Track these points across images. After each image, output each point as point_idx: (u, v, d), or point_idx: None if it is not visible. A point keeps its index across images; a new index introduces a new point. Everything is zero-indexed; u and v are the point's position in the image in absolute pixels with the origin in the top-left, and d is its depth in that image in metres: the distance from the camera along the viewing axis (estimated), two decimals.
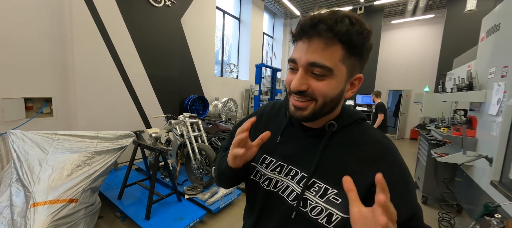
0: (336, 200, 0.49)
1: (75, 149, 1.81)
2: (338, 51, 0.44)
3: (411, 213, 0.47)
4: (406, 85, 7.47)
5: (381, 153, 0.50)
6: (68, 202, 1.48)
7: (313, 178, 0.52)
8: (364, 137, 0.53)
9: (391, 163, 0.49)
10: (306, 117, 0.50)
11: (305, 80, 0.47)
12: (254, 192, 0.61)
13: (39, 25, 2.64)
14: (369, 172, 0.47)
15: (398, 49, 7.57)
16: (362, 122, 0.56)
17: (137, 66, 3.62)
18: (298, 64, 0.47)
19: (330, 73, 0.45)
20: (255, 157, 0.60)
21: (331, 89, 0.47)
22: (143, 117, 3.80)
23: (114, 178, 2.86)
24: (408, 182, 0.49)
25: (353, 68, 0.48)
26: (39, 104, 2.82)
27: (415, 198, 0.49)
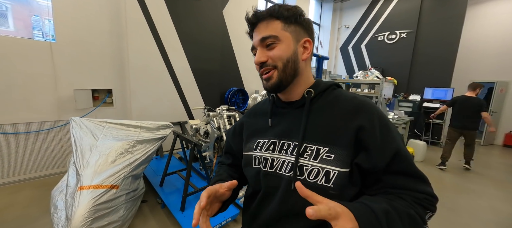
0: (329, 157, 0.52)
1: (120, 137, 1.92)
2: (277, 24, 0.57)
3: (395, 150, 0.50)
4: (500, 75, 5.67)
5: (360, 105, 0.55)
6: (110, 188, 1.55)
7: (304, 143, 0.56)
8: (341, 97, 0.59)
9: (370, 111, 0.54)
10: (276, 83, 0.58)
11: (263, 53, 0.58)
12: (257, 178, 0.63)
13: (101, 25, 2.97)
14: (352, 121, 0.53)
15: (491, 28, 5.75)
16: (336, 87, 0.63)
17: (182, 60, 3.76)
18: (256, 46, 0.59)
19: (277, 39, 0.57)
20: (250, 146, 0.67)
21: (283, 52, 0.57)
22: (186, 108, 3.97)
23: (160, 164, 3.05)
24: (388, 125, 0.54)
25: (297, 33, 0.58)
26: (103, 95, 3.22)
27: (399, 140, 0.53)
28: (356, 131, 0.52)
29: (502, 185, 3.17)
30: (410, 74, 6.24)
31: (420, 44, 6.01)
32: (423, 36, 5.93)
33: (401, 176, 0.51)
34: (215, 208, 0.59)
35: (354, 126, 0.52)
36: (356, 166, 0.52)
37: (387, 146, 0.51)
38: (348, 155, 0.51)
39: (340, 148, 0.52)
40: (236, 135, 0.76)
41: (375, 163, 0.50)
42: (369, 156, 0.51)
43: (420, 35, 5.97)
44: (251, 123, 0.71)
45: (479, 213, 2.43)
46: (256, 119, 0.71)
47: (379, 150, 0.50)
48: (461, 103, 3.50)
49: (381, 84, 5.40)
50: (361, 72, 5.93)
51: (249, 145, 0.68)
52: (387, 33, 6.49)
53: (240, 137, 0.74)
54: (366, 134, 0.51)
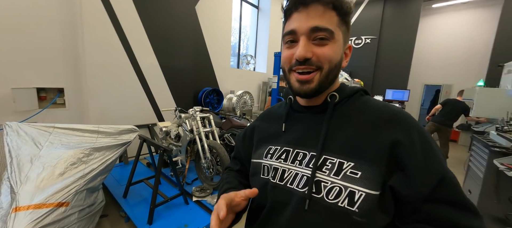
0: (354, 174, 0.42)
1: (72, 144, 1.65)
2: (334, 17, 0.45)
3: (440, 176, 0.40)
4: (446, 79, 6.52)
5: (395, 115, 0.45)
6: (57, 206, 1.30)
7: (324, 155, 0.46)
8: (371, 104, 0.49)
9: (408, 123, 0.44)
10: (314, 89, 0.47)
11: (309, 47, 0.45)
12: (264, 189, 0.54)
13: (49, 12, 2.54)
14: (385, 133, 0.43)
15: (439, 37, 6.58)
16: (364, 94, 0.54)
17: (149, 56, 3.46)
18: (299, 33, 0.46)
19: (332, 36, 0.45)
20: (260, 152, 0.59)
21: (335, 53, 0.46)
22: (155, 109, 3.67)
23: (124, 172, 2.75)
24: (430, 143, 0.43)
25: (345, 35, 0.49)
26: (52, 95, 2.77)
27: (442, 160, 0.42)
28: (390, 145, 0.42)
29: None
30: (374, 76, 6.80)
31: (382, 49, 6.59)
32: (385, 43, 6.52)
33: (447, 206, 0.40)
34: (229, 220, 0.50)
35: (388, 139, 0.42)
36: (390, 189, 0.42)
37: (431, 168, 0.40)
38: (380, 174, 0.41)
39: (370, 164, 0.42)
40: (246, 139, 0.68)
41: (416, 189, 0.40)
42: (408, 178, 0.41)
43: (382, 41, 6.55)
44: (263, 127, 0.63)
45: None
46: (269, 123, 0.62)
47: (422, 173, 0.40)
48: (453, 104, 3.86)
49: (350, 85, 5.78)
50: None
51: (259, 151, 0.60)
52: (354, 38, 6.95)
53: (250, 142, 0.66)
54: (403, 150, 0.41)
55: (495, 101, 3.08)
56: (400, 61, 6.30)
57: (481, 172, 2.34)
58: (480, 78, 5.10)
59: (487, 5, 5.85)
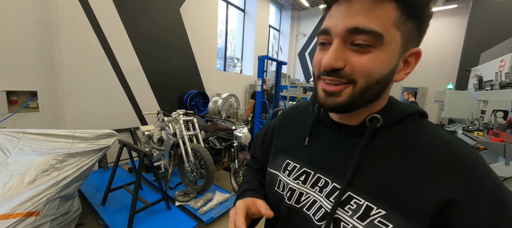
0: (384, 225, 0.33)
1: (45, 150, 1.57)
2: (390, 11, 0.32)
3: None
4: (422, 82, 6.94)
5: (457, 159, 0.33)
6: (25, 216, 1.24)
7: (349, 191, 0.38)
8: (426, 137, 0.36)
9: (474, 175, 0.31)
10: (341, 105, 0.37)
11: (341, 54, 0.34)
12: (277, 206, 0.49)
13: (21, 11, 2.41)
14: (438, 185, 0.32)
15: None
16: (420, 118, 0.40)
17: (131, 59, 3.37)
18: (332, 34, 0.35)
19: (379, 42, 0.32)
20: (277, 163, 0.52)
21: (378, 66, 0.34)
22: (138, 113, 3.57)
23: (103, 179, 2.64)
24: (504, 201, 0.31)
25: (409, 37, 0.35)
26: (24, 98, 2.62)
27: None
28: (441, 203, 0.31)
29: None
30: None
31: None
32: None
33: None
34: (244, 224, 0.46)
35: (440, 195, 0.31)
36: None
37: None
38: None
39: (407, 219, 0.32)
40: (265, 143, 0.61)
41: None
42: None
43: None
44: (285, 133, 0.55)
45: None
46: (291, 129, 0.54)
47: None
48: None
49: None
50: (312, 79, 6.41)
51: (276, 162, 0.53)
52: None
53: (269, 146, 0.59)
54: (460, 215, 0.31)
55: (462, 103, 3.34)
56: None
57: None
58: (451, 81, 5.50)
59: (456, 14, 6.34)
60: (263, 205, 0.45)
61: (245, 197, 0.50)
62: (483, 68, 3.84)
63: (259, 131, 0.66)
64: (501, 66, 3.15)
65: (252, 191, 0.54)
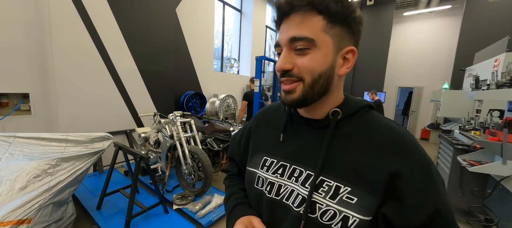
0: (350, 200, 0.42)
1: (37, 154, 1.52)
2: (318, 21, 0.42)
3: (435, 208, 0.41)
4: (417, 82, 7.02)
5: (400, 142, 0.43)
6: (16, 224, 1.19)
7: (321, 176, 0.46)
8: (376, 125, 0.46)
9: (412, 152, 0.42)
10: (297, 100, 0.45)
11: (289, 58, 0.44)
12: (258, 202, 0.55)
13: (11, 12, 2.34)
14: (387, 163, 0.42)
15: (410, 43, 7.09)
16: (370, 109, 0.51)
17: (127, 59, 3.31)
18: (281, 45, 0.45)
19: (312, 45, 0.42)
20: (255, 161, 0.57)
21: (317, 63, 0.43)
22: (134, 115, 3.51)
23: (98, 182, 2.58)
24: (432, 174, 0.42)
25: (340, 39, 0.44)
26: (15, 101, 2.54)
27: (441, 193, 0.42)
28: (390, 175, 0.41)
29: None
30: (352, 80, 7.12)
31: (359, 54, 6.82)
32: (361, 49, 6.78)
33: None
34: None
35: (389, 169, 0.41)
36: (382, 216, 0.43)
37: (427, 200, 0.41)
38: (376, 203, 0.42)
39: (366, 192, 0.42)
40: (241, 144, 0.66)
41: (409, 220, 0.41)
42: (402, 209, 0.41)
43: (359, 46, 6.90)
44: (260, 133, 0.61)
45: None
46: (267, 129, 0.60)
47: (417, 205, 0.41)
48: (379, 105, 4.68)
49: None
50: None
51: (254, 160, 0.58)
52: None
53: (245, 147, 0.64)
54: (403, 182, 0.41)
55: (458, 103, 3.37)
56: (376, 65, 6.69)
57: (447, 168, 2.54)
58: (446, 81, 5.57)
59: (450, 15, 6.43)
60: (259, 224, 0.50)
61: (237, 214, 0.55)
62: (477, 68, 3.89)
63: (235, 134, 0.71)
64: (495, 66, 3.20)
65: (241, 205, 0.58)
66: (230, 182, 0.69)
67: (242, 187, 0.65)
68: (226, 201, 0.64)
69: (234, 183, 0.68)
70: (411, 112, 6.90)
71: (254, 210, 0.57)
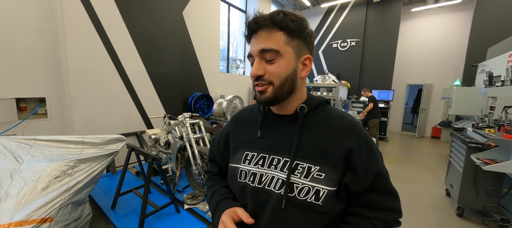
0: (320, 176, 0.53)
1: (56, 156, 1.58)
2: (280, 36, 0.52)
3: (376, 171, 0.55)
4: (427, 79, 6.86)
5: (349, 126, 0.56)
6: (40, 223, 1.25)
7: (296, 160, 0.55)
8: (332, 116, 0.59)
9: (358, 133, 0.56)
10: (269, 98, 0.55)
11: (261, 66, 0.54)
12: (242, 193, 0.61)
13: (28, 20, 2.45)
14: (342, 143, 0.54)
15: (419, 40, 6.94)
16: (327, 104, 0.63)
17: (136, 63, 3.40)
18: (253, 55, 0.55)
19: (278, 55, 0.52)
20: (237, 157, 0.64)
21: (283, 69, 0.53)
22: (144, 116, 3.60)
23: (112, 183, 2.66)
24: (372, 147, 0.57)
25: (299, 49, 0.55)
26: (33, 105, 2.65)
27: (380, 161, 0.58)
28: (346, 152, 0.53)
29: (433, 172, 3.79)
30: (360, 78, 7.02)
31: (366, 52, 6.84)
32: (369, 45, 6.78)
33: (379, 194, 0.56)
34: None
35: (344, 147, 0.53)
36: (344, 185, 0.54)
37: (371, 167, 0.54)
38: (338, 175, 0.53)
39: (331, 168, 0.53)
40: (221, 145, 0.72)
41: (361, 184, 0.54)
42: (356, 177, 0.54)
43: (366, 44, 6.80)
44: (238, 132, 0.68)
45: (418, 198, 2.84)
46: (244, 128, 0.67)
47: (365, 172, 0.54)
48: (374, 100, 4.91)
49: (337, 87, 5.92)
50: (320, 77, 6.39)
51: (236, 157, 0.64)
52: (340, 41, 7.18)
53: (225, 147, 0.71)
54: (354, 156, 0.53)
55: (471, 100, 3.28)
56: (384, 62, 6.56)
57: (460, 167, 2.48)
58: (457, 78, 5.42)
59: (460, 9, 6.25)
60: (243, 214, 0.57)
61: (222, 208, 0.61)
62: (490, 63, 3.78)
63: (214, 137, 0.79)
64: (509, 61, 3.10)
65: (225, 200, 0.64)
66: (212, 182, 0.75)
67: (223, 185, 0.72)
68: (210, 199, 0.69)
69: (215, 182, 0.73)
70: (421, 110, 6.74)
71: (239, 201, 0.64)
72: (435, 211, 2.54)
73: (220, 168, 0.77)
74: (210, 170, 0.80)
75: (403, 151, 5.20)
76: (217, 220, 0.58)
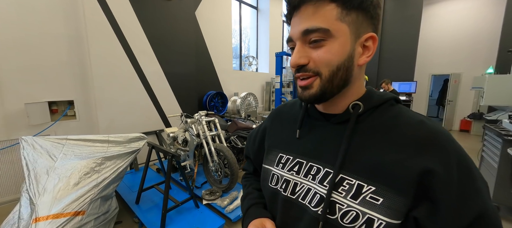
0: (375, 200, 0.38)
1: (85, 154, 1.70)
2: (331, 10, 0.39)
3: (477, 214, 0.35)
4: (454, 68, 6.35)
5: (431, 136, 0.38)
6: (74, 215, 1.35)
7: (341, 174, 0.42)
8: (402, 119, 0.42)
9: (445, 148, 0.37)
10: (315, 96, 0.43)
11: (304, 52, 0.41)
12: (273, 200, 0.53)
13: (55, 28, 2.63)
14: (416, 158, 0.37)
15: (444, 26, 6.42)
16: (396, 103, 0.46)
17: (153, 64, 3.52)
18: (294, 39, 0.42)
19: (328, 35, 0.39)
20: (271, 158, 0.55)
21: (334, 55, 0.40)
22: (162, 115, 3.73)
23: (135, 179, 2.81)
24: (471, 171, 0.37)
25: (358, 25, 0.40)
26: (63, 107, 2.87)
27: (484, 193, 0.36)
28: (422, 173, 0.36)
29: None
30: (378, 70, 6.69)
31: (385, 42, 6.48)
32: (388, 34, 6.41)
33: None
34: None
35: (419, 166, 0.36)
36: (413, 219, 0.38)
37: (467, 204, 0.36)
38: (405, 204, 0.37)
39: (394, 192, 0.37)
40: (256, 142, 0.65)
41: (445, 226, 0.36)
42: (437, 213, 0.36)
43: (385, 33, 6.44)
44: (275, 130, 0.59)
45: None
46: (282, 126, 0.58)
47: (455, 208, 0.36)
48: (397, 95, 4.32)
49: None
50: None
51: (270, 157, 0.56)
52: None
53: (260, 145, 0.63)
54: (437, 182, 0.36)
55: (506, 89, 2.99)
56: (404, 52, 6.18)
57: (495, 162, 2.28)
58: (489, 65, 4.96)
59: None
60: (271, 227, 0.50)
61: (251, 216, 0.55)
62: None
63: (251, 132, 0.70)
64: None
65: (255, 206, 0.58)
66: (246, 181, 0.70)
67: (257, 187, 0.65)
68: (242, 201, 0.64)
69: (250, 183, 0.68)
70: (448, 102, 6.28)
71: (269, 209, 0.56)
72: None
73: (255, 166, 0.70)
74: (246, 168, 0.74)
75: None
76: (246, 226, 0.53)
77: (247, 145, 0.72)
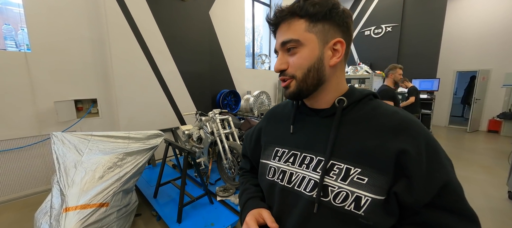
0: (361, 180, 0.44)
1: (108, 150, 1.80)
2: (301, 24, 0.48)
3: (443, 182, 0.42)
4: (482, 64, 5.91)
5: (403, 123, 0.45)
6: (99, 207, 1.44)
7: (331, 160, 0.48)
8: (380, 110, 0.49)
9: (416, 132, 0.44)
10: (293, 93, 0.52)
11: (283, 59, 0.52)
12: (270, 192, 0.58)
13: (80, 31, 2.80)
14: (393, 142, 0.44)
15: (471, 19, 5.98)
16: (374, 98, 0.54)
17: (169, 63, 3.64)
18: (277, 50, 0.53)
19: (299, 44, 0.49)
20: (268, 153, 0.61)
21: (305, 59, 0.49)
22: (177, 113, 3.85)
23: (153, 174, 2.93)
24: (437, 151, 0.44)
25: (326, 33, 0.48)
26: (87, 105, 3.05)
27: (448, 167, 0.44)
28: (398, 153, 0.43)
29: (490, 170, 3.29)
30: None
31: (405, 37, 6.15)
32: (408, 30, 6.08)
33: (446, 213, 0.43)
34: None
35: (395, 148, 0.43)
36: (394, 194, 0.44)
37: (434, 176, 0.42)
38: (386, 181, 0.43)
39: (376, 171, 0.44)
40: (253, 141, 0.71)
41: (418, 196, 0.42)
42: (411, 187, 0.42)
43: (405, 28, 6.12)
44: (271, 128, 0.66)
45: (473, 200, 2.50)
46: (276, 124, 0.65)
47: (425, 181, 0.42)
48: (418, 92, 4.01)
49: (371, 78, 5.50)
50: (351, 68, 6.00)
51: (266, 153, 0.62)
52: (373, 27, 6.61)
53: (257, 143, 0.69)
54: (410, 160, 0.42)
55: None
56: (427, 48, 5.83)
57: None
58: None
59: None
60: (268, 217, 0.54)
61: (249, 208, 0.59)
62: None
63: (247, 132, 0.77)
64: None
65: (252, 199, 0.63)
66: (244, 178, 0.75)
67: (254, 183, 0.70)
68: (240, 196, 0.68)
69: (247, 180, 0.73)
70: (475, 101, 5.86)
71: (267, 201, 0.61)
72: (494, 216, 2.22)
73: (252, 164, 0.75)
74: (243, 166, 0.79)
75: (451, 146, 4.62)
76: (244, 218, 0.57)
77: (244, 144, 0.78)
